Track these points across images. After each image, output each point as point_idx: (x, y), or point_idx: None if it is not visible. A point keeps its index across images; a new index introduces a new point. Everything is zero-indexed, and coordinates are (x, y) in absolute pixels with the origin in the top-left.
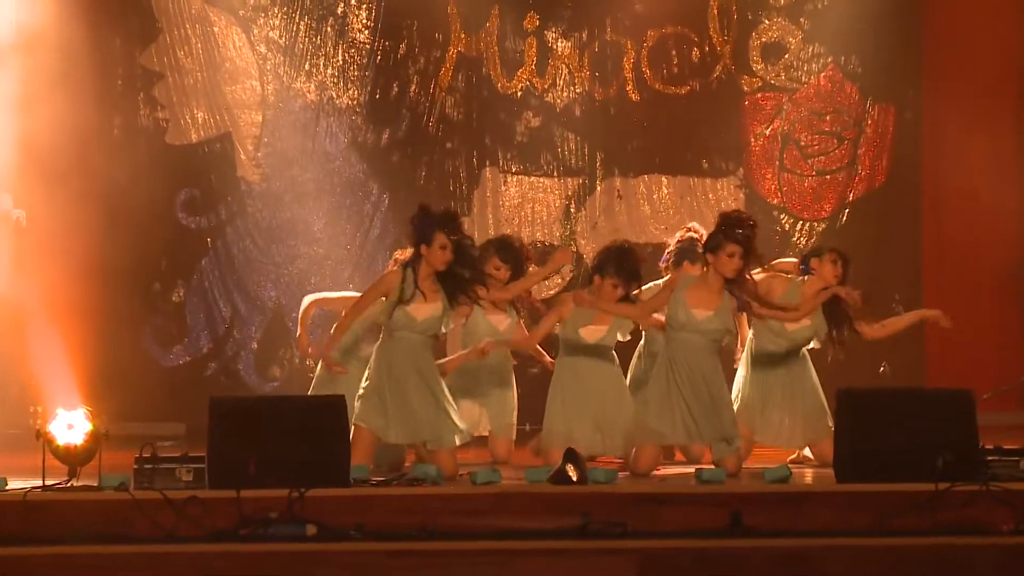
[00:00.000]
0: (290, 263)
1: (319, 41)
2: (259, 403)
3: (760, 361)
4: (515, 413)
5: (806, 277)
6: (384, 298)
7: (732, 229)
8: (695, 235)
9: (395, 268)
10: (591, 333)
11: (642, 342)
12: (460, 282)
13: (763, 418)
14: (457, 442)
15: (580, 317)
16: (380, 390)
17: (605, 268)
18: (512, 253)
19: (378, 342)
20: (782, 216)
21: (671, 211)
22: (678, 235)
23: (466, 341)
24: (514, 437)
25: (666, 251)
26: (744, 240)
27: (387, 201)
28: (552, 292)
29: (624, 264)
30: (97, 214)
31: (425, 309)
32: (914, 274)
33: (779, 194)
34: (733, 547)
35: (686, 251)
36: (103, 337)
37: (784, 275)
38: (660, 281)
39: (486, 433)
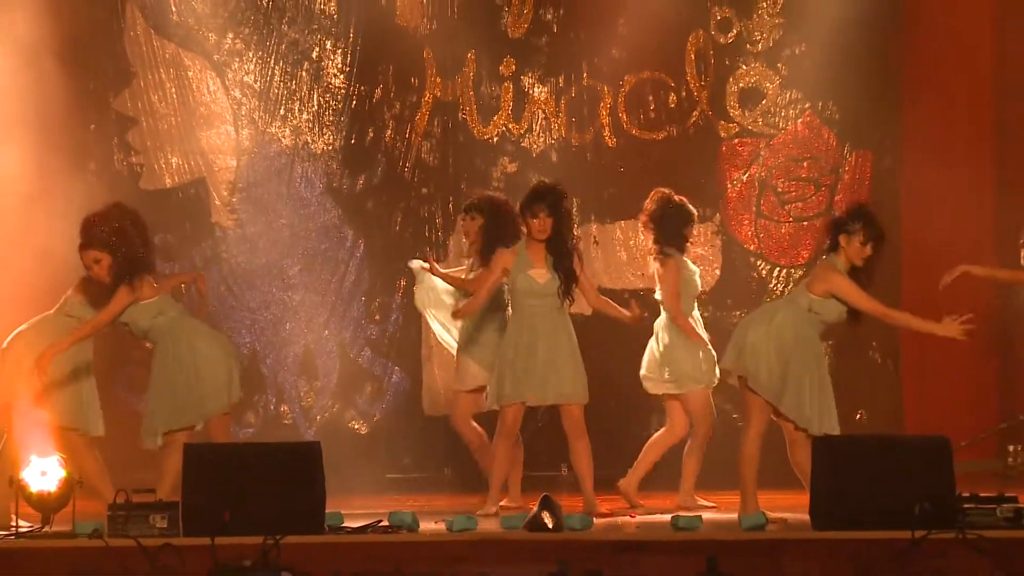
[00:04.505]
0: (264, 309)
1: (294, 86)
2: (234, 449)
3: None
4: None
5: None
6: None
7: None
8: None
9: None
10: None
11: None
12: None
13: None
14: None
15: None
16: None
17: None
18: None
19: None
20: (759, 263)
21: (648, 257)
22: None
23: None
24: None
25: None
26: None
27: (362, 247)
28: None
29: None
30: (70, 260)
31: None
32: None
33: (756, 240)
34: None
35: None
36: None
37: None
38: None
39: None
